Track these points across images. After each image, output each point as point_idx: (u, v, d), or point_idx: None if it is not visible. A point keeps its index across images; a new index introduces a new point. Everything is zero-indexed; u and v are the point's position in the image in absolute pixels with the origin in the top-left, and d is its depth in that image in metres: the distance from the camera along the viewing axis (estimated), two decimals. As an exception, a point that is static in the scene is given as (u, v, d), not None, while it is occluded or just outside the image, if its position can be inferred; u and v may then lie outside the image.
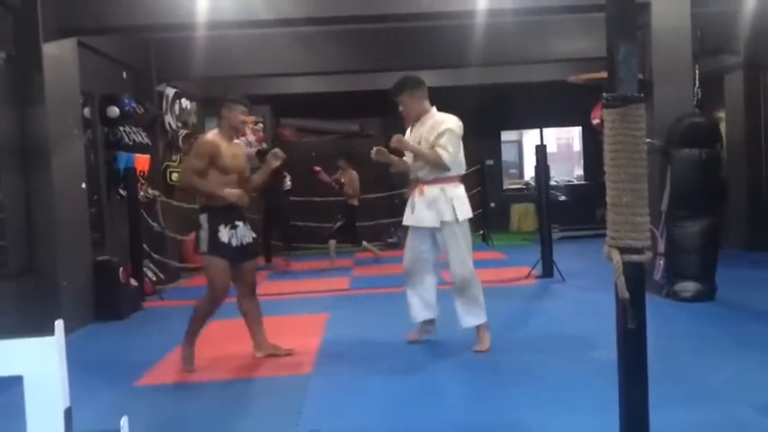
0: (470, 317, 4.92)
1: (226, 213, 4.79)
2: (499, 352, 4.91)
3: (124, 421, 1.86)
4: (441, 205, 4.86)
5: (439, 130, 4.88)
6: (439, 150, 4.83)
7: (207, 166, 4.75)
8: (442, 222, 4.86)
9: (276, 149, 5.20)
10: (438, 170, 4.89)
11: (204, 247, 4.76)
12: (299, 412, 3.86)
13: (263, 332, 5.16)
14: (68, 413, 1.82)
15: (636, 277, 2.32)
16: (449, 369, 4.62)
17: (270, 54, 9.39)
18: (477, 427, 3.58)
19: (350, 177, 10.24)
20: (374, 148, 5.15)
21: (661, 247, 6.47)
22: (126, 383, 4.63)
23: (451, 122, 4.91)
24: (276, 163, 5.08)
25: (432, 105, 5.08)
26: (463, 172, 5.06)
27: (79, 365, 4.44)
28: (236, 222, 4.83)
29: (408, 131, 5.16)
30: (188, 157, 4.93)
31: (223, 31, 8.27)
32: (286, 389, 4.37)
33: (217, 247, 4.74)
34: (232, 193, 4.72)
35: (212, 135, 4.88)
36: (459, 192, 4.92)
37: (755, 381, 4.09)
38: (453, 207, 4.83)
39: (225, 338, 5.97)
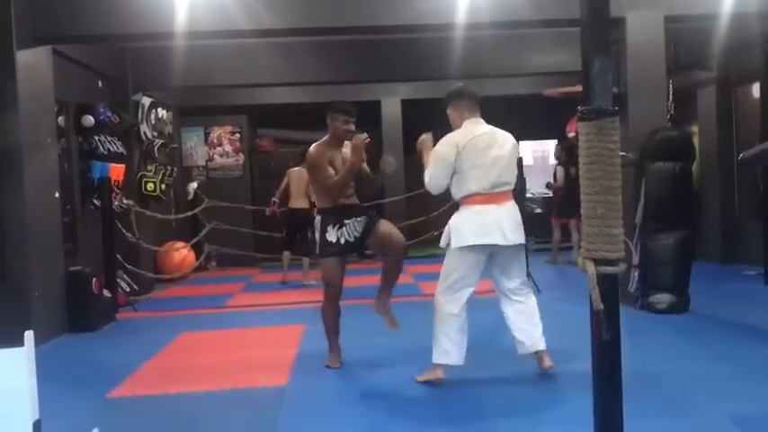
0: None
1: (334, 214, 4.92)
2: (473, 364, 4.90)
3: (95, 434, 1.83)
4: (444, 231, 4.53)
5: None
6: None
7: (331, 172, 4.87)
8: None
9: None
10: (453, 194, 4.54)
11: (316, 250, 4.96)
12: (274, 423, 3.83)
13: (389, 291, 5.23)
14: (37, 425, 1.79)
15: (610, 288, 2.34)
16: (428, 382, 4.60)
17: (248, 64, 9.37)
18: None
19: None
20: (423, 135, 4.81)
21: (635, 260, 6.54)
22: (98, 395, 4.56)
23: (442, 141, 4.54)
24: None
25: (471, 117, 4.58)
26: (469, 192, 4.42)
27: (50, 377, 4.37)
28: (345, 221, 4.91)
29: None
30: (312, 174, 5.05)
31: (201, 41, 8.24)
32: (261, 400, 4.33)
33: (325, 246, 4.90)
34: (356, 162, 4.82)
35: (315, 146, 5.03)
36: (458, 214, 4.49)
37: (729, 392, 4.13)
38: (449, 232, 4.46)
39: (199, 350, 5.92)
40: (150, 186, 9.60)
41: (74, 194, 7.65)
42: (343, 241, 4.91)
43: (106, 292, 7.30)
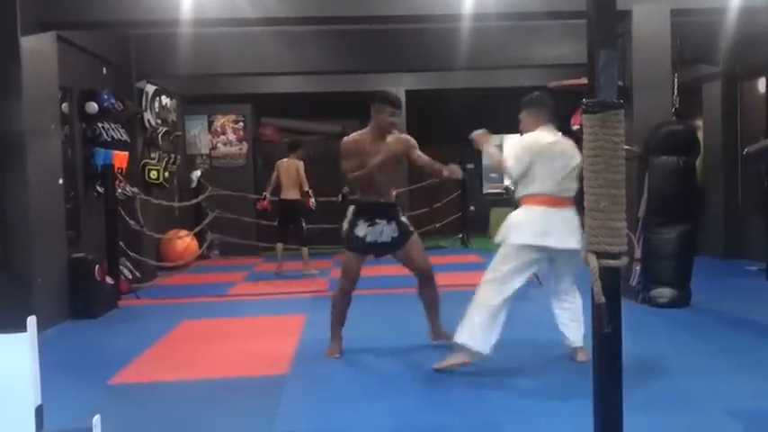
0: (458, 331, 4.59)
1: (368, 210, 4.88)
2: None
3: (96, 420, 1.84)
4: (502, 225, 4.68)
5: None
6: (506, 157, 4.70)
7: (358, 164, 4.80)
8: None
9: (454, 166, 5.08)
10: (516, 191, 4.70)
11: (345, 244, 4.95)
12: (274, 413, 3.85)
13: (437, 319, 5.17)
14: (39, 411, 1.80)
15: (612, 282, 2.34)
16: (425, 372, 4.62)
17: (253, 52, 9.35)
18: (452, 428, 3.59)
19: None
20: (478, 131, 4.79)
21: (638, 253, 6.53)
22: (99, 382, 4.58)
23: (521, 140, 4.70)
24: (454, 177, 5.12)
25: (545, 125, 4.71)
26: (532, 192, 4.54)
27: (52, 363, 4.39)
28: (377, 220, 4.86)
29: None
30: (342, 167, 4.95)
31: (207, 28, 8.22)
32: (262, 389, 4.34)
33: (352, 240, 4.89)
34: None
35: (354, 134, 4.97)
36: (517, 212, 4.62)
37: (729, 387, 4.14)
38: (506, 227, 4.59)
39: (200, 338, 5.93)
40: (153, 174, 9.60)
41: (77, 181, 7.66)
42: (370, 240, 4.87)
43: (109, 280, 7.31)
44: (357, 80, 12.01)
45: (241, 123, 12.59)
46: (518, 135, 4.90)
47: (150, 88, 9.83)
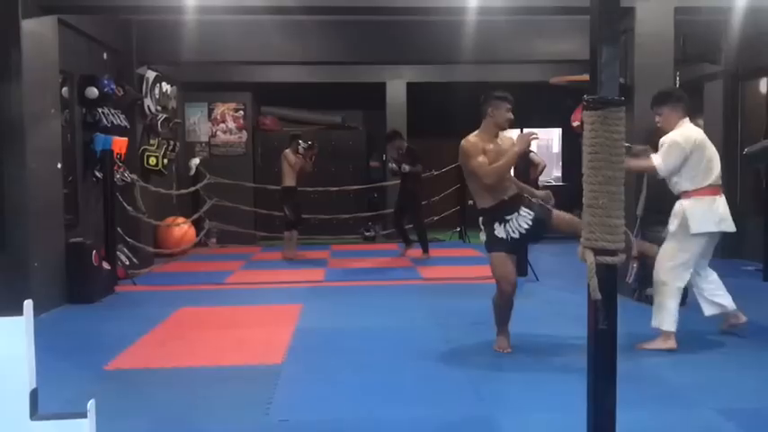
0: (654, 317, 4.96)
1: (495, 212, 4.85)
2: (470, 349, 4.94)
3: (91, 405, 1.84)
4: (674, 216, 4.96)
5: (664, 140, 4.93)
6: (651, 155, 4.91)
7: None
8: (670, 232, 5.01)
9: (547, 192, 5.11)
10: (678, 184, 4.95)
11: (487, 246, 4.92)
12: (269, 402, 3.86)
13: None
14: (34, 395, 1.80)
15: (609, 279, 2.35)
16: (421, 364, 4.63)
17: (255, 41, 9.32)
18: (448, 423, 3.60)
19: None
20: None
21: (635, 251, 6.54)
22: (95, 367, 4.58)
23: (679, 135, 4.91)
24: (548, 203, 5.02)
25: (686, 118, 5.04)
26: (701, 185, 4.90)
27: (48, 347, 4.40)
28: (507, 217, 4.83)
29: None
30: (468, 163, 4.84)
31: (209, 16, 8.19)
32: (257, 378, 4.35)
33: (494, 242, 4.85)
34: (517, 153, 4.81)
35: (474, 137, 4.88)
36: (691, 203, 4.87)
37: (722, 385, 4.16)
38: (685, 218, 4.87)
39: (196, 325, 5.94)
40: (152, 161, 9.58)
41: (76, 166, 7.64)
42: (509, 238, 4.83)
43: (106, 265, 7.31)
44: (359, 71, 11.99)
45: (241, 112, 12.57)
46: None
47: (151, 74, 9.81)
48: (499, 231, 4.83)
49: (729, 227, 4.98)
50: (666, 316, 4.88)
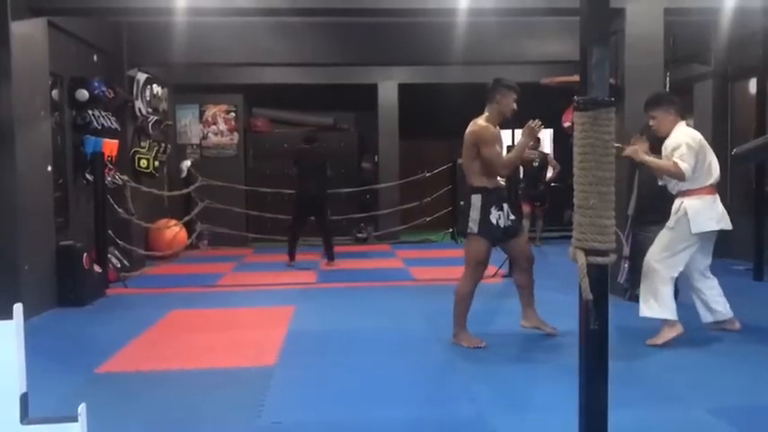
0: (645, 306, 5.01)
1: (497, 195, 4.91)
2: (463, 349, 4.94)
3: (82, 408, 1.83)
4: (674, 215, 5.02)
5: (675, 143, 4.96)
6: (676, 160, 4.92)
7: (477, 153, 4.84)
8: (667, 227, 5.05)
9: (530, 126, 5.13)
10: (679, 184, 5.01)
11: (474, 227, 4.87)
12: (261, 404, 3.85)
13: (533, 305, 5.27)
14: (24, 399, 1.79)
15: (600, 279, 2.36)
16: (413, 365, 4.64)
17: (246, 42, 9.31)
18: (439, 423, 3.60)
19: None
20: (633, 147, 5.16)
21: (626, 251, 6.56)
22: (86, 370, 4.56)
23: (686, 136, 4.99)
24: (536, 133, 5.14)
25: (680, 120, 5.13)
26: (703, 184, 5.01)
27: (38, 351, 4.38)
28: (503, 204, 4.92)
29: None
30: (485, 149, 4.87)
31: (200, 17, 8.17)
32: (249, 380, 4.34)
33: (486, 228, 4.85)
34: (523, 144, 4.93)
35: (483, 121, 4.94)
36: (694, 203, 4.95)
37: (713, 385, 4.17)
38: (684, 216, 4.94)
39: (188, 328, 5.92)
40: (143, 163, 9.56)
41: (66, 169, 7.61)
42: (502, 225, 4.91)
43: (97, 268, 7.28)
44: (350, 73, 11.99)
45: (232, 113, 12.55)
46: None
47: (141, 76, 9.78)
48: (494, 216, 4.87)
49: (728, 225, 5.06)
50: (663, 304, 4.92)
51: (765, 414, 3.68)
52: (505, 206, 4.98)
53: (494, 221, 4.88)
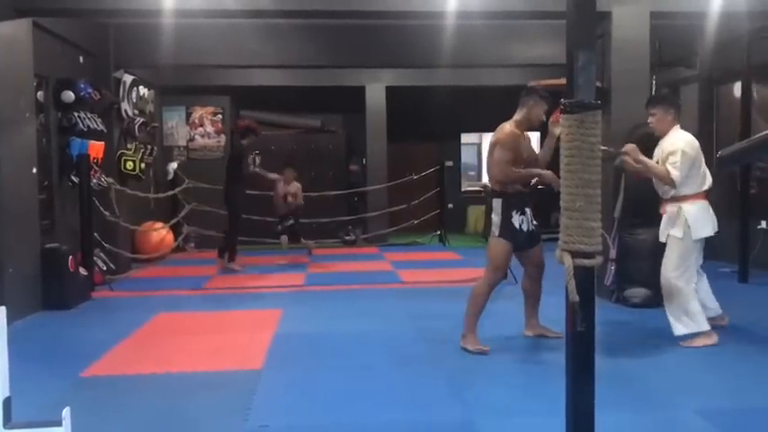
0: (679, 325, 5.01)
1: (519, 200, 4.91)
2: (451, 352, 4.94)
3: (66, 412, 1.82)
4: (674, 221, 5.05)
5: (672, 148, 4.99)
6: (669, 167, 4.96)
7: (513, 158, 4.87)
8: (668, 236, 5.10)
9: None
10: (678, 188, 5.03)
11: (496, 231, 4.89)
12: (248, 407, 3.83)
13: (537, 314, 5.29)
14: (7, 403, 1.77)
15: (586, 281, 2.36)
16: (401, 368, 4.63)
17: (233, 44, 9.28)
18: (427, 426, 3.59)
19: (297, 192, 10.03)
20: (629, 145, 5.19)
21: (612, 254, 6.59)
22: (71, 374, 4.53)
23: (684, 143, 5.02)
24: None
25: (677, 124, 5.20)
26: (699, 190, 5.08)
27: (22, 355, 4.34)
28: (526, 209, 4.93)
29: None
30: (499, 152, 4.90)
31: (187, 19, 8.13)
32: (236, 384, 4.32)
33: (508, 231, 4.86)
34: (548, 175, 4.87)
35: (510, 126, 4.96)
36: (692, 209, 5.00)
37: (700, 386, 4.20)
38: (685, 223, 4.99)
39: (174, 331, 5.89)
40: (129, 165, 9.50)
41: (51, 171, 7.55)
42: (525, 229, 4.93)
43: (82, 271, 7.23)
44: (337, 75, 11.98)
45: (219, 116, 12.51)
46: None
47: (128, 78, 9.73)
48: (516, 220, 4.90)
49: (716, 228, 5.17)
50: (695, 319, 4.98)
51: (752, 415, 3.70)
52: (528, 210, 5.00)
53: (516, 225, 4.91)
